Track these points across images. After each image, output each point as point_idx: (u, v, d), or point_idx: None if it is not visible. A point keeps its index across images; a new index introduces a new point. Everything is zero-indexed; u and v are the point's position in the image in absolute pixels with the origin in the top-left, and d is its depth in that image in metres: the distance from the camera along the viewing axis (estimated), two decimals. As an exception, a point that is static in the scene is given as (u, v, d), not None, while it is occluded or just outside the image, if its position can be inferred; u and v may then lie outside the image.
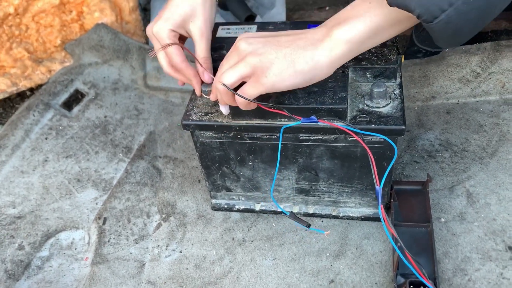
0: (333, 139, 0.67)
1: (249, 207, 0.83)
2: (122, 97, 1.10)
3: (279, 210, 0.82)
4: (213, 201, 0.85)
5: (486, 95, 0.97)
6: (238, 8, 1.38)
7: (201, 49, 0.69)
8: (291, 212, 0.67)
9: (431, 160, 0.87)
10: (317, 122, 0.62)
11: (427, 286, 0.61)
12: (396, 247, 0.57)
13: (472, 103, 0.97)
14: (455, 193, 0.80)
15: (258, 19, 1.34)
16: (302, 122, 0.62)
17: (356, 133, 0.62)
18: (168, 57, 0.69)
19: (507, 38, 0.97)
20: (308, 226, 0.65)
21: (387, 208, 0.78)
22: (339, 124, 0.62)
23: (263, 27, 0.79)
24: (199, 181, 0.91)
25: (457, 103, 0.97)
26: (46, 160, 0.98)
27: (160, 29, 0.67)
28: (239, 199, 0.83)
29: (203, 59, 0.69)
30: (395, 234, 0.58)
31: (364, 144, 0.62)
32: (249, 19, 1.36)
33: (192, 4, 0.67)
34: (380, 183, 0.59)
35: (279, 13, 1.34)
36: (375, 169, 0.60)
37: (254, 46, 0.58)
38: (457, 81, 0.99)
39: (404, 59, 1.25)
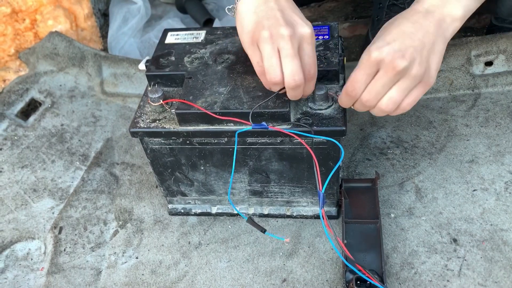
0: (278, 141, 0.68)
1: (205, 211, 0.84)
2: (79, 104, 1.09)
3: (235, 212, 0.83)
4: (170, 206, 0.85)
5: (436, 92, 1.00)
6: (197, 11, 1.39)
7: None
8: (249, 217, 0.68)
9: (382, 157, 0.89)
10: (267, 128, 0.64)
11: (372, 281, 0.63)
12: (337, 250, 0.59)
13: (422, 100, 0.99)
14: (405, 189, 0.83)
15: (217, 22, 1.35)
16: (252, 128, 0.64)
17: (301, 137, 0.63)
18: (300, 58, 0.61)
19: (452, 37, 1.00)
20: (264, 231, 0.66)
21: (339, 206, 0.80)
22: (287, 130, 0.63)
23: (212, 32, 0.80)
24: (156, 187, 0.91)
25: (408, 101, 0.99)
26: (1, 171, 0.96)
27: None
28: (195, 203, 0.84)
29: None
30: (333, 233, 0.60)
31: (308, 147, 0.63)
32: (208, 22, 1.37)
33: None
34: (322, 187, 0.60)
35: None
36: (319, 173, 0.61)
37: (410, 58, 0.58)
38: (407, 79, 1.01)
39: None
